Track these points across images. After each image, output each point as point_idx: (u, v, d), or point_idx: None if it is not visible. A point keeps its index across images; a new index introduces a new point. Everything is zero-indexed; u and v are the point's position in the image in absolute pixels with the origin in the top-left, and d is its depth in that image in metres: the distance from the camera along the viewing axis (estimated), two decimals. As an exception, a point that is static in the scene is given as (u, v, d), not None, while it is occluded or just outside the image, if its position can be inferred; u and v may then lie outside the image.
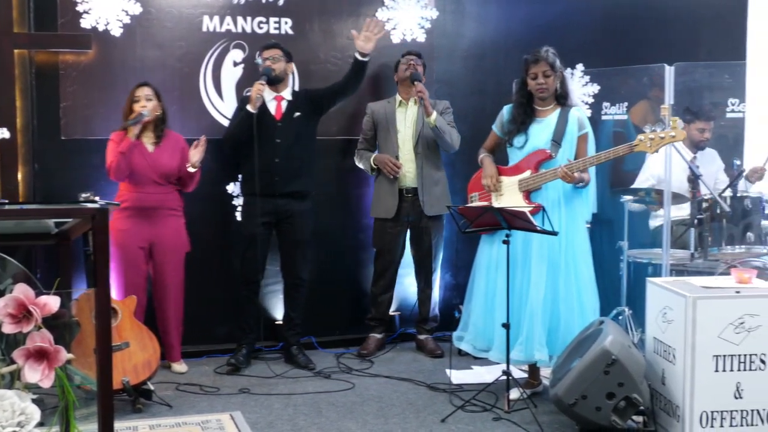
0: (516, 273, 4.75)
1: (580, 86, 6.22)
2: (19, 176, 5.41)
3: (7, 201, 4.05)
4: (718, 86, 6.10)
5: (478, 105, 6.29)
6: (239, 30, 5.80)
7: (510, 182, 4.93)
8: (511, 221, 4.55)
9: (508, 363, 4.61)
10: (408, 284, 6.17)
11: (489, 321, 4.90)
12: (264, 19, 5.84)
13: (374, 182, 5.91)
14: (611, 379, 4.04)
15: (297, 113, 5.54)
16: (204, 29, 5.73)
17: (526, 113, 4.93)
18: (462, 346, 5.10)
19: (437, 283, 6.09)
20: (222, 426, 4.44)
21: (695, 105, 5.88)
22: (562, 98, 4.92)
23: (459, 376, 5.26)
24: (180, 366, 5.46)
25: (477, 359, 5.52)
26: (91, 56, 5.52)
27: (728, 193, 5.07)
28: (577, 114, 4.89)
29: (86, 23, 5.48)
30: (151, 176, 5.24)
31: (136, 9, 5.57)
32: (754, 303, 3.99)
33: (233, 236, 5.76)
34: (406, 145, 5.77)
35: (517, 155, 4.94)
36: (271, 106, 5.53)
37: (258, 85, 5.36)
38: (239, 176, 5.75)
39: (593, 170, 4.91)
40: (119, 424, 4.29)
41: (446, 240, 6.18)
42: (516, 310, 4.70)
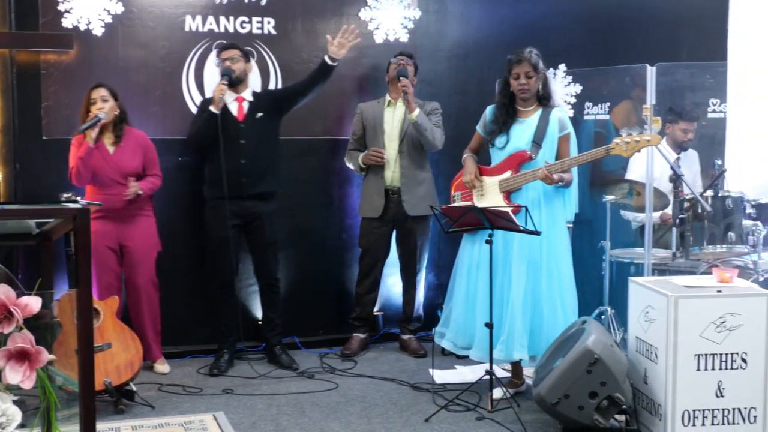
0: (497, 273, 4.76)
1: (563, 86, 6.24)
2: (0, 176, 5.39)
3: (-12, 201, 4.04)
4: (700, 86, 6.13)
5: (461, 105, 6.30)
6: (222, 30, 5.78)
7: (491, 182, 4.94)
8: (494, 221, 4.56)
9: (491, 362, 4.62)
10: (392, 284, 6.18)
11: (470, 319, 4.91)
12: (247, 19, 5.83)
13: (362, 182, 5.91)
14: (594, 379, 4.06)
15: (259, 114, 5.50)
16: (186, 29, 5.72)
17: (508, 114, 4.95)
18: (443, 344, 5.11)
19: (422, 284, 6.09)
20: (205, 426, 4.43)
21: (678, 105, 5.91)
22: (545, 99, 4.93)
23: (442, 376, 5.26)
24: (162, 366, 5.44)
25: (460, 359, 5.53)
26: (73, 56, 5.50)
27: (709, 193, 5.09)
28: (559, 115, 4.90)
29: (68, 22, 5.45)
30: (114, 177, 5.18)
31: (118, 8, 5.54)
32: (736, 302, 4.01)
33: (206, 236, 5.71)
34: (392, 145, 5.77)
35: (499, 156, 4.95)
36: (233, 108, 5.48)
37: (221, 86, 5.32)
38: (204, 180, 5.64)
39: (575, 170, 4.93)
40: (101, 426, 4.27)
41: (429, 240, 6.19)
42: (497, 310, 4.70)
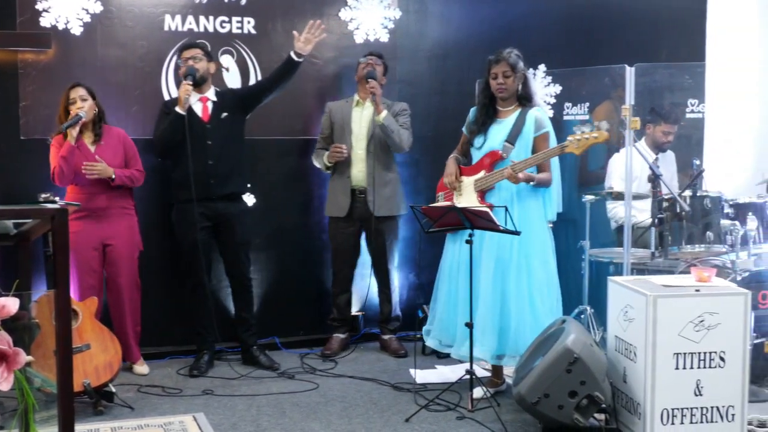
0: (475, 272, 4.77)
1: (543, 87, 6.26)
2: (-22, 176, 5.35)
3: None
4: (679, 87, 6.17)
5: (441, 105, 6.31)
6: (201, 29, 5.76)
7: (468, 182, 4.98)
8: (474, 221, 4.58)
9: (472, 362, 4.63)
10: (372, 284, 6.16)
11: (453, 318, 4.95)
12: (226, 19, 5.81)
13: (329, 181, 5.89)
14: (573, 378, 4.07)
15: (224, 113, 5.46)
16: (166, 28, 5.69)
17: (488, 114, 4.98)
18: (429, 341, 5.16)
19: (398, 283, 6.09)
20: (185, 428, 4.41)
21: (658, 106, 5.94)
22: (525, 99, 4.95)
23: (423, 376, 5.27)
24: (142, 368, 5.42)
25: (441, 358, 5.55)
26: (51, 55, 5.46)
27: (688, 193, 5.12)
28: (536, 114, 4.91)
29: (46, 22, 5.42)
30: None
31: (97, 8, 5.51)
32: (714, 301, 4.04)
33: (177, 239, 5.66)
34: (360, 144, 5.76)
35: (477, 155, 4.99)
36: (197, 108, 5.43)
37: (185, 86, 5.27)
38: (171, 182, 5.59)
39: (557, 170, 4.95)
40: (80, 427, 4.25)
41: (409, 239, 6.19)
42: (473, 309, 4.72)
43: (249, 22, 5.86)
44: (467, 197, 4.96)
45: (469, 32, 6.37)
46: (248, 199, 5.78)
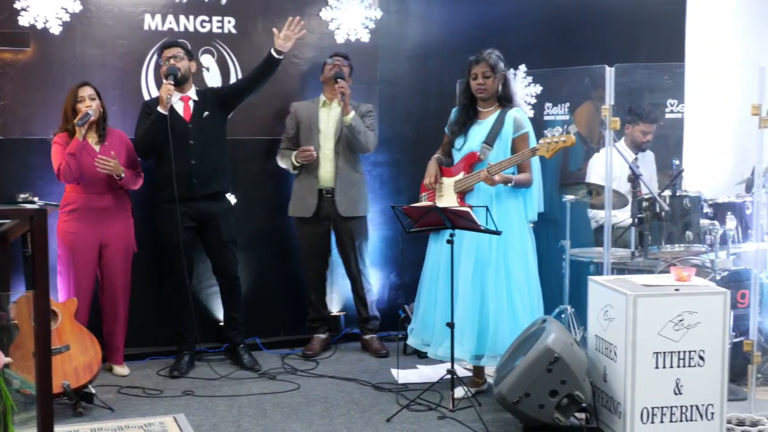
0: (455, 273, 4.78)
1: (523, 87, 6.27)
2: (-45, 176, 5.31)
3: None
4: (658, 87, 6.20)
5: (422, 105, 6.32)
6: (182, 29, 5.73)
7: (448, 183, 5.00)
8: (455, 221, 4.58)
9: (453, 362, 4.64)
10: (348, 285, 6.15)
11: (432, 318, 4.96)
12: (207, 18, 5.79)
13: (294, 181, 5.86)
14: (554, 377, 4.09)
15: (206, 113, 5.45)
16: (146, 27, 5.66)
17: (468, 115, 4.99)
18: (411, 340, 5.17)
19: (379, 283, 6.08)
20: (165, 429, 4.40)
21: (637, 106, 5.97)
22: (505, 100, 4.96)
23: (404, 376, 5.27)
24: (122, 369, 5.39)
25: (422, 358, 5.55)
26: (30, 54, 5.42)
27: (667, 193, 5.15)
28: (515, 115, 4.92)
29: (24, 21, 5.38)
30: (101, 176, 5.15)
31: (76, 7, 5.48)
32: (693, 300, 4.06)
33: (159, 240, 5.63)
34: (328, 144, 5.74)
35: (458, 157, 5.00)
36: (179, 107, 5.41)
37: (167, 85, 5.25)
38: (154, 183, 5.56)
39: (537, 170, 4.97)
40: (59, 429, 4.22)
41: (391, 240, 6.19)
42: (453, 309, 4.73)
43: (229, 22, 5.84)
44: (448, 198, 4.97)
45: (450, 32, 6.37)
46: (230, 198, 5.76)
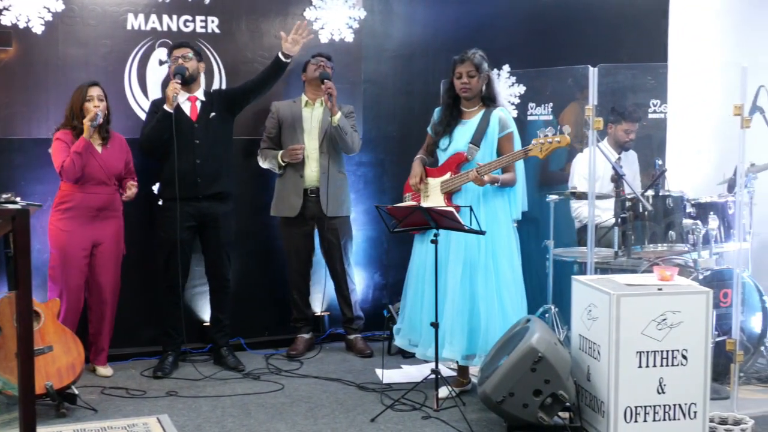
0: (441, 273, 4.79)
1: (507, 87, 6.29)
2: (-63, 177, 5.28)
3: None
4: (641, 87, 6.23)
5: (406, 105, 6.32)
6: (165, 28, 5.72)
7: (434, 184, 5.00)
8: (439, 221, 4.59)
9: (437, 362, 4.64)
10: (331, 285, 6.14)
11: (419, 318, 4.96)
12: (190, 18, 5.77)
13: (277, 180, 5.85)
14: (538, 377, 4.10)
15: (212, 113, 5.47)
16: (129, 27, 5.64)
17: (452, 115, 5.00)
18: (398, 341, 5.17)
19: (363, 283, 6.08)
20: (149, 429, 4.38)
21: (620, 106, 6.00)
22: (489, 100, 4.97)
23: (389, 376, 5.27)
24: (105, 369, 5.37)
25: (406, 358, 5.56)
26: (12, 54, 5.39)
27: (650, 193, 5.17)
28: (500, 114, 4.93)
29: (6, 20, 5.35)
30: (101, 177, 5.16)
31: (59, 6, 5.45)
32: (676, 300, 4.08)
33: (157, 237, 5.65)
34: (312, 144, 5.74)
35: (442, 157, 5.01)
36: (186, 107, 5.44)
37: (174, 84, 5.27)
38: (158, 181, 5.60)
39: (521, 170, 4.98)
40: (42, 430, 4.21)
41: (375, 239, 6.19)
42: (439, 310, 4.74)
43: (213, 22, 5.83)
44: (434, 199, 4.97)
45: (434, 32, 6.39)
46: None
